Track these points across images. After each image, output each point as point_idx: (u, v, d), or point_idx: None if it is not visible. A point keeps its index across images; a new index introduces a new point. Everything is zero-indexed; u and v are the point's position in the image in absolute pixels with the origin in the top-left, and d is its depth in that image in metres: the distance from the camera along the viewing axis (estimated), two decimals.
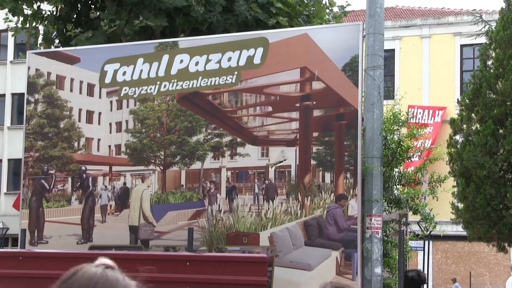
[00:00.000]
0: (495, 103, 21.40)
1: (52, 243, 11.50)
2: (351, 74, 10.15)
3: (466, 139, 22.17)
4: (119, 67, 11.30)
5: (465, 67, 35.29)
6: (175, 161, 11.06)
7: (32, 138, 11.98)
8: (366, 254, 10.15)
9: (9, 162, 43.69)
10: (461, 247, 33.53)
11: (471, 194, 21.54)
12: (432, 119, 34.44)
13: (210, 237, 10.54)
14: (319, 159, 10.24)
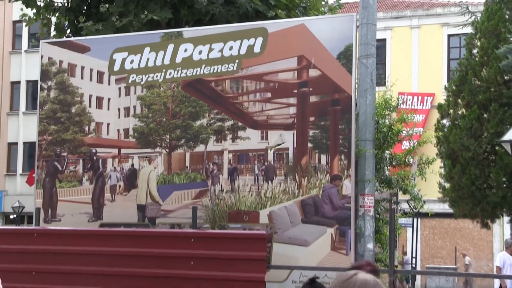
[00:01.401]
0: (480, 89, 21.39)
1: (65, 221, 11.51)
2: (345, 62, 10.13)
3: (453, 123, 22.18)
4: (127, 56, 11.28)
5: (452, 55, 35.28)
6: (180, 144, 11.05)
7: (45, 122, 11.96)
8: (359, 231, 10.15)
9: (24, 145, 43.68)
10: (447, 223, 33.61)
11: (457, 174, 21.57)
12: (421, 105, 34.48)
13: (213, 215, 10.54)
14: (315, 142, 10.23)
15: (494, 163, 21.00)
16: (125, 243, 9.67)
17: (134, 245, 9.59)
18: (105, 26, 14.14)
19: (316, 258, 9.89)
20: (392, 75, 19.22)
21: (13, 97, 45.01)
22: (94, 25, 14.09)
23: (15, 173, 44.27)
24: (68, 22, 15.86)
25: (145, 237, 9.75)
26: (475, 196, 21.42)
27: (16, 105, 44.76)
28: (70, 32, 15.89)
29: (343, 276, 3.34)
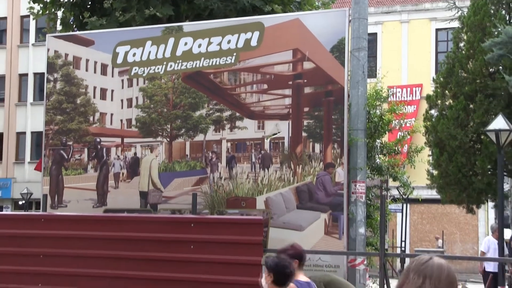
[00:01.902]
0: (466, 81, 21.42)
1: (71, 207, 11.51)
2: (338, 55, 10.12)
3: (440, 113, 22.22)
4: (130, 49, 11.26)
5: (440, 49, 35.28)
6: (180, 133, 11.03)
7: (52, 113, 11.94)
8: (351, 216, 10.15)
9: (32, 134, 43.76)
10: (435, 209, 33.67)
11: (444, 162, 21.61)
12: (411, 96, 34.51)
13: (212, 201, 10.53)
14: (309, 131, 10.21)
15: (480, 152, 21.03)
16: (128, 228, 9.66)
17: (137, 230, 9.58)
18: (108, 21, 14.12)
19: (310, 242, 9.88)
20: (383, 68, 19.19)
21: (21, 88, 45.04)
22: (98, 20, 14.07)
23: (24, 161, 44.33)
24: (73, 17, 15.81)
25: (147, 222, 9.75)
26: (461, 182, 21.48)
27: (24, 96, 44.80)
28: (75, 26, 15.85)
29: (420, 259, 3.57)
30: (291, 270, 6.26)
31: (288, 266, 6.26)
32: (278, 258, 6.41)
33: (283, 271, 6.21)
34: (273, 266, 6.24)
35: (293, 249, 6.89)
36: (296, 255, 6.81)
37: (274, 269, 6.24)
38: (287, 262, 6.28)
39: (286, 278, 6.24)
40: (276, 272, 6.22)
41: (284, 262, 6.29)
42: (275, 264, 6.26)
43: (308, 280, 6.91)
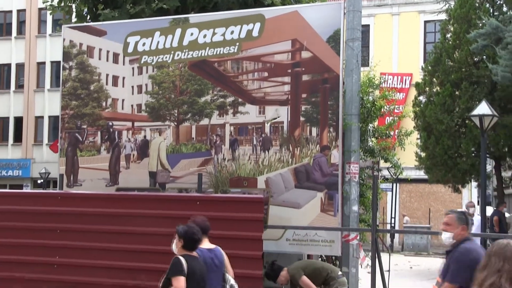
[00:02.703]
0: (452, 69, 21.41)
1: (85, 186, 11.52)
2: (334, 45, 10.07)
3: (428, 99, 22.22)
4: (140, 39, 11.23)
5: (428, 39, 35.22)
6: (186, 118, 11.01)
7: (67, 98, 11.93)
8: (345, 195, 10.15)
9: (49, 118, 43.82)
10: (422, 188, 33.72)
11: (432, 145, 21.64)
12: (401, 84, 34.51)
13: (216, 181, 10.52)
14: (307, 116, 10.18)
15: (464, 135, 21.06)
16: (138, 205, 9.67)
17: (147, 207, 9.59)
18: (120, 12, 14.09)
19: (307, 219, 9.88)
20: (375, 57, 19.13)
21: (39, 76, 45.05)
22: (110, 12, 14.03)
23: (42, 143, 44.41)
24: (87, 9, 15.76)
25: (156, 200, 9.76)
26: (447, 164, 21.51)
27: (42, 83, 44.81)
28: (89, 18, 15.80)
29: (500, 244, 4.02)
30: (199, 237, 6.71)
31: (196, 233, 6.71)
32: (188, 226, 6.78)
33: (192, 237, 6.66)
34: (183, 233, 6.67)
35: (192, 222, 7.13)
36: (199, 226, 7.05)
37: (184, 236, 6.66)
38: (195, 230, 6.73)
39: (194, 243, 6.70)
40: (186, 238, 6.64)
41: (193, 229, 6.74)
42: (184, 231, 6.67)
43: (212, 247, 7.22)
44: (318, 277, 8.89)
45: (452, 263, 5.93)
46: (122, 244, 9.46)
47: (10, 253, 9.85)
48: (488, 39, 18.06)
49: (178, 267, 6.46)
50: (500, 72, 16.97)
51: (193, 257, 6.67)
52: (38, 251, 9.82)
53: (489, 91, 20.29)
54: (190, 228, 6.75)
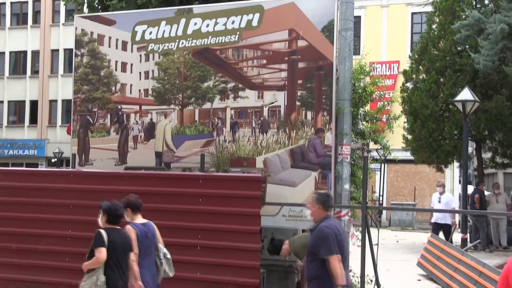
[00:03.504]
0: (437, 58, 21.34)
1: (96, 165, 11.51)
2: (328, 34, 10.01)
3: (415, 86, 22.17)
4: (147, 28, 11.17)
5: (415, 30, 35.12)
6: (190, 102, 10.97)
7: (79, 83, 11.88)
8: (338, 174, 10.12)
9: (63, 102, 43.93)
10: (408, 168, 33.72)
11: (418, 128, 21.62)
12: (389, 71, 34.47)
13: (218, 161, 10.50)
14: (302, 101, 10.13)
15: (448, 119, 21.02)
16: (145, 183, 9.65)
17: (153, 185, 9.57)
18: (128, 3, 14.04)
19: (302, 197, 9.86)
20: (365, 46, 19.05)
21: (53, 62, 45.09)
22: (119, 2, 13.97)
23: (56, 125, 44.51)
24: (98, 0, 15.69)
25: (162, 179, 9.74)
26: (431, 146, 21.50)
27: (55, 69, 44.85)
28: (99, 8, 15.72)
29: None
30: (121, 212, 6.99)
31: (119, 209, 6.95)
32: (111, 203, 6.99)
33: (114, 212, 6.89)
34: (106, 209, 6.93)
35: (126, 200, 7.44)
36: (128, 204, 7.40)
37: (107, 211, 6.90)
38: (118, 206, 6.98)
39: (117, 218, 6.93)
40: (109, 213, 6.88)
41: (116, 205, 6.97)
42: (108, 207, 6.92)
43: (145, 221, 7.49)
44: None
45: (319, 240, 6.41)
46: None
47: (26, 226, 9.85)
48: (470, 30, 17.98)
49: (100, 239, 6.69)
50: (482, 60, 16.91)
51: (115, 230, 6.89)
52: (52, 225, 9.81)
53: (471, 78, 20.23)
54: (113, 204, 6.97)
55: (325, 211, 6.66)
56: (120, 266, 6.79)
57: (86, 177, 10.00)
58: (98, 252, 6.62)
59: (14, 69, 46.42)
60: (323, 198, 6.68)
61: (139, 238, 7.19)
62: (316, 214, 6.64)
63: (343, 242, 6.48)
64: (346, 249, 6.57)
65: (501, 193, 20.32)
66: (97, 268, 6.66)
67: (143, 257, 7.21)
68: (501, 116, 19.91)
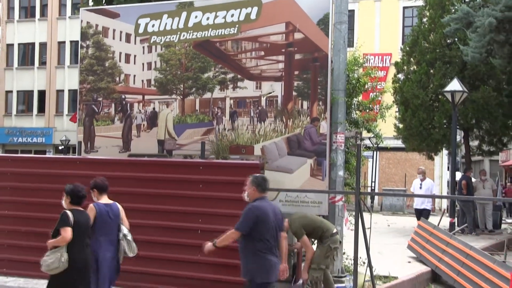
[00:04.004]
0: (428, 50, 21.28)
1: (101, 152, 11.48)
2: (323, 27, 9.96)
3: (406, 77, 22.11)
4: (149, 21, 11.12)
5: (406, 23, 35.04)
6: (191, 92, 10.92)
7: (85, 74, 11.83)
8: (332, 161, 10.09)
9: (69, 91, 43.92)
10: (399, 155, 33.73)
11: (409, 117, 21.57)
12: (381, 63, 34.41)
13: (217, 148, 10.47)
14: (298, 91, 10.10)
15: (438, 109, 20.99)
16: (148, 170, 9.63)
17: (156, 171, 9.55)
18: None
19: (298, 183, 9.85)
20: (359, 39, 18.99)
21: (60, 53, 45.04)
22: None
23: (62, 113, 44.50)
24: None
25: (164, 165, 9.71)
26: (422, 134, 21.48)
27: (62, 60, 44.79)
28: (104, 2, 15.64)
29: None
30: (83, 193, 7.09)
31: (81, 190, 7.09)
32: (74, 185, 7.11)
33: (77, 194, 7.03)
34: (70, 191, 7.07)
35: (94, 182, 7.68)
36: (95, 185, 7.62)
37: (70, 193, 7.07)
38: (80, 188, 7.09)
39: (79, 199, 7.06)
40: (72, 195, 7.03)
41: (78, 187, 7.09)
42: (71, 189, 7.07)
43: (109, 202, 7.63)
44: (314, 235, 8.87)
45: (242, 215, 6.67)
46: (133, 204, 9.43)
47: (35, 210, 9.85)
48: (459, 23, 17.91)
49: (65, 219, 6.84)
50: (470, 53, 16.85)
51: (79, 211, 7.04)
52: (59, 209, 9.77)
53: (460, 69, 20.18)
54: (75, 187, 7.10)
55: (259, 192, 6.84)
56: (82, 244, 6.98)
57: (91, 164, 9.97)
58: (64, 231, 6.77)
59: (22, 61, 46.34)
60: (258, 181, 6.88)
61: (99, 216, 7.38)
62: (252, 195, 6.84)
63: (270, 223, 6.68)
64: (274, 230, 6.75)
65: (487, 179, 20.37)
66: (61, 246, 6.83)
67: (105, 235, 7.41)
68: (488, 106, 19.90)
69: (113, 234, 7.54)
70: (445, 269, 11.36)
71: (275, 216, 6.82)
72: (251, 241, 6.64)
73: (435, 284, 11.73)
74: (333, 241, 8.78)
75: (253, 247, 6.63)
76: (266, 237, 6.64)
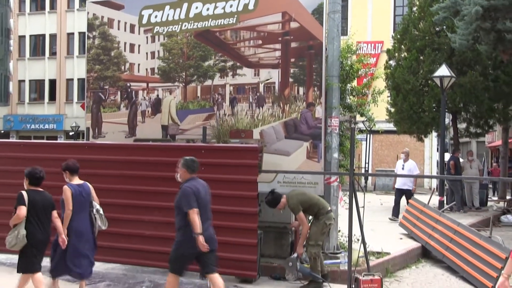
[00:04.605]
0: (418, 38, 21.19)
1: (108, 137, 11.45)
2: (318, 16, 9.88)
3: (397, 63, 22.02)
4: (152, 12, 11.02)
5: (397, 12, 34.90)
6: (193, 79, 10.86)
7: (92, 63, 11.76)
8: (327, 144, 10.05)
9: (78, 80, 43.91)
10: (391, 138, 33.70)
11: (400, 101, 21.52)
12: (374, 50, 34.27)
13: (218, 133, 10.43)
14: (295, 77, 10.03)
15: (427, 93, 20.93)
16: (153, 154, 9.61)
17: (160, 155, 9.52)
18: None
19: (295, 165, 9.82)
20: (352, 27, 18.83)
21: (69, 44, 45.01)
22: None
23: (72, 101, 44.54)
24: None
25: (168, 149, 9.68)
26: (412, 117, 21.44)
27: (71, 50, 44.73)
28: None
29: None
30: (40, 175, 7.43)
31: (38, 173, 7.42)
32: (32, 168, 7.46)
33: (34, 176, 7.38)
34: (28, 173, 7.43)
35: (66, 164, 8.01)
36: (67, 167, 7.95)
37: (28, 175, 7.42)
38: (37, 171, 7.43)
39: (37, 180, 7.40)
40: (30, 177, 7.40)
41: (35, 170, 7.43)
42: (29, 172, 7.42)
43: (80, 182, 7.93)
44: (310, 212, 8.88)
45: (182, 197, 7.00)
46: (138, 186, 9.42)
47: None
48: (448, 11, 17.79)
49: (20, 199, 7.16)
50: (458, 40, 16.76)
51: (36, 191, 7.36)
52: None
53: (448, 56, 20.08)
54: (33, 169, 7.43)
55: (189, 173, 7.23)
56: (40, 221, 7.27)
57: (99, 149, 9.94)
58: (18, 209, 7.12)
59: (34, 51, 46.25)
60: (187, 163, 7.27)
61: (73, 196, 7.65)
62: (183, 176, 7.23)
63: (203, 199, 7.09)
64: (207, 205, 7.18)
65: (474, 159, 20.38)
66: (20, 223, 7.15)
67: (78, 212, 7.69)
68: (475, 90, 19.84)
69: (86, 211, 7.85)
70: (435, 245, 11.36)
71: (206, 195, 7.24)
72: (184, 217, 6.98)
73: (425, 259, 11.75)
74: (328, 218, 8.83)
75: (185, 222, 6.98)
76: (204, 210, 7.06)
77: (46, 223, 7.38)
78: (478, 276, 9.37)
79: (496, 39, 15.85)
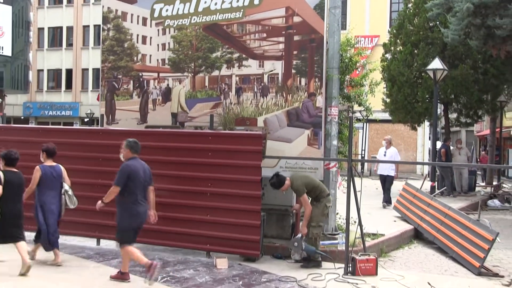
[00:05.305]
0: (412, 32, 21.09)
1: (121, 124, 11.41)
2: (319, 11, 9.79)
3: (393, 56, 21.92)
4: (163, 6, 10.94)
5: (393, 8, 34.73)
6: (201, 70, 10.80)
7: (106, 54, 11.70)
8: (327, 132, 10.01)
9: (93, 70, 43.87)
10: (387, 126, 33.60)
11: (395, 92, 21.46)
12: (370, 44, 34.13)
13: (225, 121, 10.39)
14: (297, 69, 9.96)
15: (421, 85, 20.86)
16: (163, 139, 9.59)
17: (170, 141, 9.50)
18: None
19: (296, 151, 9.78)
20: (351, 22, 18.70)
21: (85, 36, 44.91)
22: None
23: (87, 90, 44.55)
24: None
25: (177, 136, 9.67)
26: (406, 108, 21.39)
27: (87, 42, 44.67)
28: None
29: None
30: (15, 157, 7.72)
31: (13, 154, 7.72)
32: (7, 150, 7.74)
33: (9, 157, 7.69)
34: (3, 155, 7.73)
35: (46, 146, 8.36)
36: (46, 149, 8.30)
37: (4, 157, 7.72)
38: (12, 153, 7.72)
39: (12, 161, 7.70)
40: (6, 158, 7.71)
41: (10, 152, 7.73)
42: (5, 153, 7.73)
43: (53, 164, 8.32)
44: (312, 194, 8.86)
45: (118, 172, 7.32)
46: None
47: None
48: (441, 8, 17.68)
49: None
50: (450, 35, 16.66)
51: (12, 171, 7.66)
52: (86, 174, 9.78)
53: (441, 50, 19.98)
54: (9, 151, 7.74)
55: (132, 153, 7.50)
56: (15, 199, 7.57)
57: (113, 134, 9.92)
58: None
59: (52, 42, 46.19)
60: (130, 144, 7.52)
61: (43, 175, 8.09)
62: (126, 156, 7.50)
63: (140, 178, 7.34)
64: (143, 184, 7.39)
65: (463, 147, 20.37)
66: None
67: (49, 190, 8.13)
68: (465, 82, 19.78)
69: (56, 190, 8.24)
70: (426, 227, 11.35)
71: (144, 173, 7.43)
72: (122, 193, 7.25)
73: (417, 240, 11.74)
74: (328, 200, 8.86)
75: (124, 199, 7.25)
76: (136, 191, 7.27)
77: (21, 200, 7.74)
78: (467, 256, 9.36)
79: (486, 35, 15.75)
